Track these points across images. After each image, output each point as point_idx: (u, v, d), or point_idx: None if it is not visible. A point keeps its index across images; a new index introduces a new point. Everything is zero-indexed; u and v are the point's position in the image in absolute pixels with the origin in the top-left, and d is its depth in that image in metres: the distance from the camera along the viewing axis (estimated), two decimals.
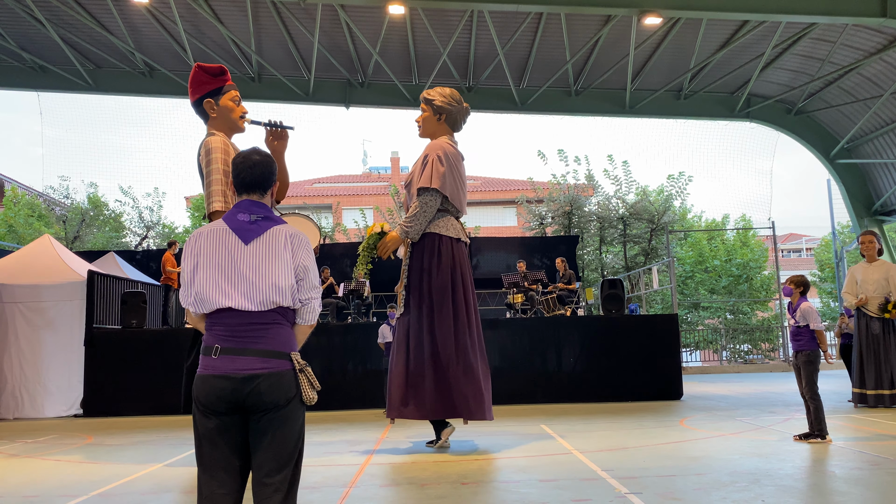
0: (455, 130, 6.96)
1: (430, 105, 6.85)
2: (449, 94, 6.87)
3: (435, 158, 6.57)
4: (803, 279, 6.43)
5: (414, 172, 6.80)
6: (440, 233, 6.60)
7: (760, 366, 20.21)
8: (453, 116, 6.87)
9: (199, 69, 5.55)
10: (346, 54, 16.24)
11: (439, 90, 6.89)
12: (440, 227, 6.62)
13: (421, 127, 6.92)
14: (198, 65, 5.56)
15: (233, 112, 5.62)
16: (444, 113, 6.83)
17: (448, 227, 6.65)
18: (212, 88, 5.55)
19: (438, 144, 6.70)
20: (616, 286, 11.78)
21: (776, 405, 9.45)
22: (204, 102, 5.56)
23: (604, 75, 16.78)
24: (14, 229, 22.44)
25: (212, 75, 5.57)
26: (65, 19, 14.87)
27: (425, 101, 6.90)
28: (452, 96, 6.88)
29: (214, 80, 5.57)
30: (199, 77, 5.55)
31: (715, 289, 26.35)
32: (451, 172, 6.61)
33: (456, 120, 6.91)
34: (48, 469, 5.77)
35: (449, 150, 6.68)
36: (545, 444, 6.41)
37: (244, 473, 2.52)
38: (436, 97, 6.84)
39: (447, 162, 6.58)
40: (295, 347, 2.57)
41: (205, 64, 5.60)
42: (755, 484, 4.48)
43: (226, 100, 5.56)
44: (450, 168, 6.59)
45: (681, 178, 21.79)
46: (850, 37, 14.98)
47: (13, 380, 10.65)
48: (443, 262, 6.52)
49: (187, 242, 2.60)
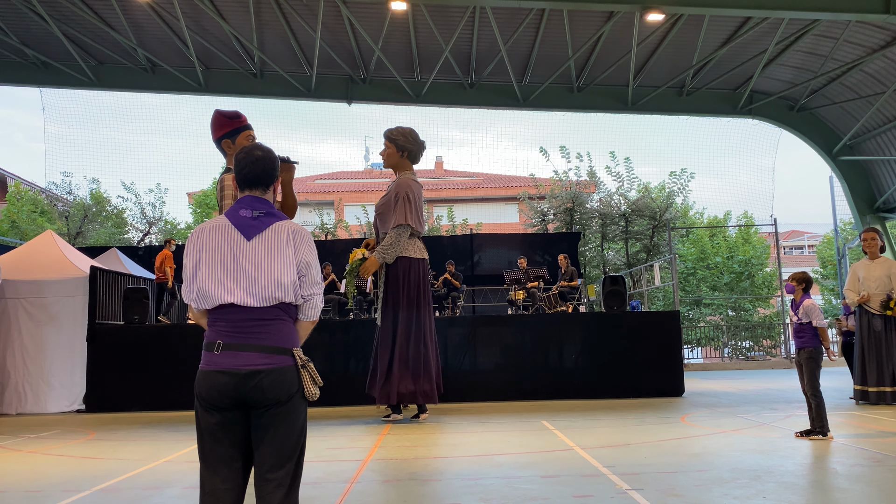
0: (414, 163, 8.64)
1: (394, 144, 8.49)
2: (409, 134, 8.50)
3: (404, 197, 8.29)
4: (806, 276, 6.43)
5: (386, 204, 8.43)
6: (410, 256, 8.41)
7: (762, 363, 20.21)
8: (413, 153, 8.59)
9: (218, 114, 5.91)
10: (348, 50, 16.22)
11: (400, 130, 8.49)
12: (409, 250, 8.43)
13: (385, 160, 8.59)
14: (217, 110, 5.92)
15: None
16: (405, 151, 8.52)
17: (415, 249, 8.46)
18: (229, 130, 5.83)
19: (406, 183, 8.36)
20: (618, 283, 11.77)
21: (778, 402, 9.46)
22: (222, 142, 5.88)
23: (606, 72, 16.75)
24: (17, 225, 22.47)
25: (228, 118, 5.90)
26: (67, 15, 14.86)
27: (389, 139, 8.48)
28: (411, 136, 8.51)
29: (231, 122, 5.89)
30: (218, 121, 5.90)
31: (717, 286, 26.34)
32: (416, 205, 8.38)
33: (415, 155, 8.60)
34: (51, 464, 5.78)
35: (413, 186, 8.43)
36: (547, 441, 6.42)
37: (246, 469, 2.52)
38: (398, 137, 8.48)
39: (413, 198, 8.36)
40: (297, 343, 2.58)
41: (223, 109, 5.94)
42: (757, 480, 4.49)
43: (241, 139, 5.78)
44: (415, 203, 8.37)
45: (683, 175, 21.75)
46: (854, 33, 14.93)
47: (16, 375, 10.68)
48: (410, 281, 8.35)
49: (189, 238, 2.60)
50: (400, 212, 8.28)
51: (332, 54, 16.03)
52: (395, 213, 8.32)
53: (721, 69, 16.91)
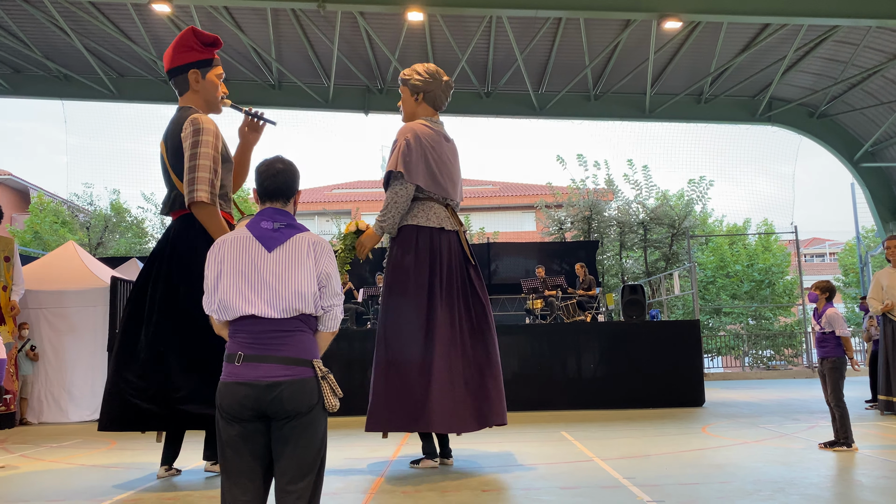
0: (437, 110, 6.18)
1: (406, 85, 6.11)
2: (424, 70, 6.07)
3: (402, 143, 5.80)
4: (829, 285, 6.35)
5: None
6: (419, 224, 5.83)
7: (783, 372, 19.97)
8: (432, 95, 6.09)
9: (192, 32, 4.92)
10: (365, 61, 16.31)
11: (416, 67, 6.10)
12: (418, 216, 5.84)
13: (402, 111, 6.21)
14: (192, 28, 4.97)
15: (216, 89, 5.03)
16: (420, 92, 6.05)
17: (429, 215, 5.86)
18: (201, 58, 4.86)
19: (409, 127, 5.90)
20: (637, 292, 11.71)
21: (800, 412, 9.33)
22: (189, 72, 4.88)
23: (623, 80, 16.70)
24: (40, 236, 22.77)
25: (205, 44, 4.93)
26: (89, 29, 15.08)
27: (402, 81, 6.15)
28: (429, 72, 6.07)
29: (206, 49, 4.89)
30: (189, 41, 4.87)
31: (737, 294, 26.09)
32: (426, 155, 5.83)
33: (436, 98, 6.12)
34: (73, 473, 5.83)
35: (422, 130, 5.87)
36: (566, 451, 6.37)
37: (267, 480, 2.53)
38: (411, 76, 6.08)
39: (417, 146, 5.79)
40: (317, 355, 2.58)
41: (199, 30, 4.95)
42: (780, 493, 4.42)
43: (212, 75, 4.92)
44: (422, 152, 5.81)
45: (702, 183, 21.63)
46: (874, 39, 14.79)
47: (38, 384, 10.80)
48: (420, 257, 5.77)
49: (211, 250, 2.62)
50: (391, 162, 5.83)
51: (350, 65, 16.12)
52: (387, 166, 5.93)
53: (739, 76, 16.80)
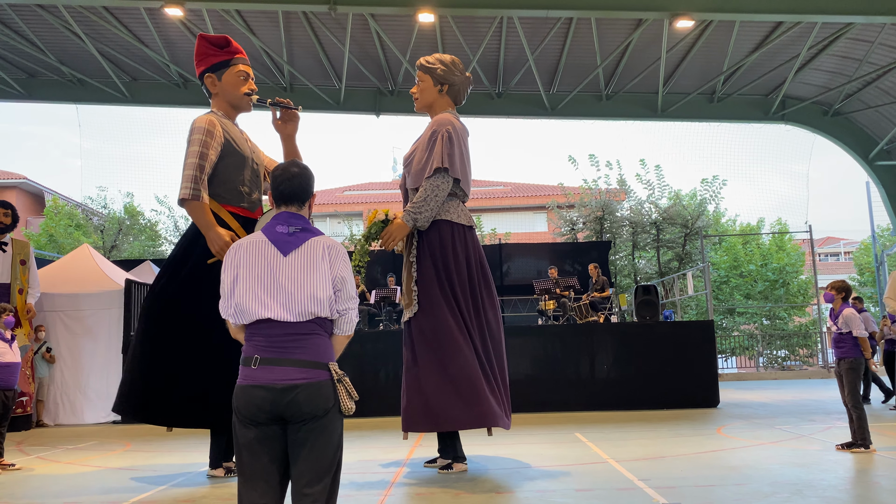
0: (457, 104, 6.08)
1: (432, 74, 5.92)
2: (450, 62, 5.98)
3: (444, 136, 5.65)
4: (845, 285, 6.29)
5: (419, 148, 5.84)
6: (452, 220, 5.71)
7: (798, 372, 19.81)
8: (456, 88, 5.98)
9: (202, 39, 4.87)
10: (376, 63, 16.34)
11: (439, 57, 6.00)
12: (451, 213, 5.73)
13: (419, 98, 6.00)
14: (201, 35, 4.93)
15: (236, 88, 4.93)
16: (446, 84, 5.92)
17: (459, 213, 5.79)
18: (216, 62, 4.76)
19: (447, 119, 5.80)
20: (650, 292, 11.65)
21: (816, 413, 9.25)
22: (206, 77, 4.81)
23: (635, 79, 16.64)
24: (55, 239, 22.97)
25: (217, 47, 4.83)
26: (102, 33, 15.19)
27: (424, 68, 5.96)
28: (454, 65, 5.98)
29: (220, 52, 4.77)
30: (201, 49, 4.83)
31: (751, 294, 25.92)
32: (461, 152, 5.77)
33: (459, 92, 6.04)
34: (89, 475, 5.87)
35: (457, 124, 5.84)
36: (580, 453, 6.35)
37: (284, 483, 2.54)
38: (436, 66, 5.93)
39: (457, 140, 5.70)
40: (333, 358, 2.59)
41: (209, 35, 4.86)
42: (797, 495, 4.39)
43: (230, 74, 4.80)
44: (459, 148, 5.73)
45: (715, 182, 21.51)
46: (889, 36, 14.65)
47: (54, 387, 10.90)
48: (459, 254, 5.66)
49: (227, 254, 2.63)
50: (437, 154, 5.62)
51: (361, 67, 16.15)
52: (432, 157, 5.65)
53: (752, 75, 16.69)
